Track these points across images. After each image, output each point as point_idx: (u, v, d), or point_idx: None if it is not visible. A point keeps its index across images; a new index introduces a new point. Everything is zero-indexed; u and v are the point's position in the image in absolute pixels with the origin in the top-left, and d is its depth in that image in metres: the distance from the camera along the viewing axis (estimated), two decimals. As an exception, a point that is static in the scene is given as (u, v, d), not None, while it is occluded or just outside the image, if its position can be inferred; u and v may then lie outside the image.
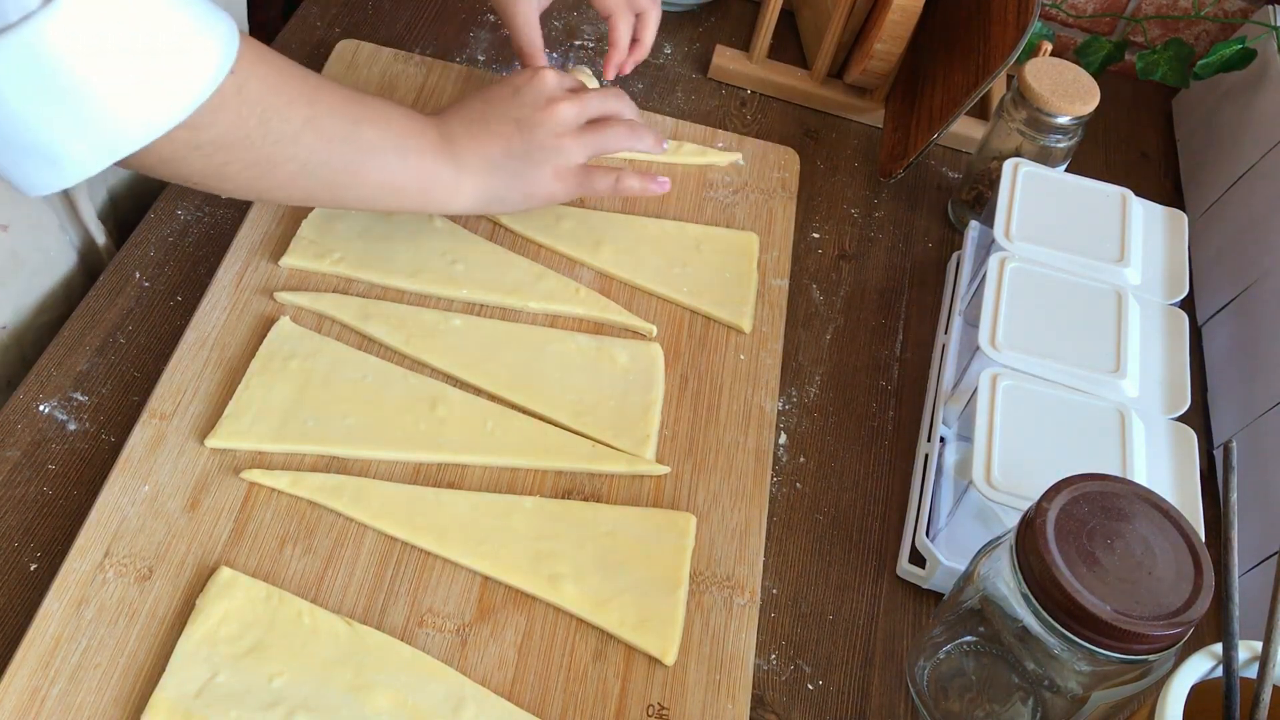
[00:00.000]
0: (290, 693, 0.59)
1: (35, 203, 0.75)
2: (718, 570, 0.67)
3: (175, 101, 0.54)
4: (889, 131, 0.95)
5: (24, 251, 0.75)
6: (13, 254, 0.74)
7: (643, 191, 0.78)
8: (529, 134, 0.73)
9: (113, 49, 0.51)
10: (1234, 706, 0.53)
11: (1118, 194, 0.83)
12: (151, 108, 0.54)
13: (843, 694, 0.67)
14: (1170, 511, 0.58)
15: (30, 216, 0.75)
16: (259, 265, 0.76)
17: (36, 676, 0.58)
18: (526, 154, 0.73)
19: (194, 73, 0.54)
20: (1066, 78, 0.85)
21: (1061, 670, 0.58)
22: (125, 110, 0.53)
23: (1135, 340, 0.74)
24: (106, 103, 0.52)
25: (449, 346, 0.74)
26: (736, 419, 0.75)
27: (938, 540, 0.71)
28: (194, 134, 0.57)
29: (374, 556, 0.65)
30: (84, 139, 0.53)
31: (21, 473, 0.67)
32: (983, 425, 0.68)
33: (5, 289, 0.75)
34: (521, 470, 0.70)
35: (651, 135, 0.78)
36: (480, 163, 0.72)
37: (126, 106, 0.53)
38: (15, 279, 0.75)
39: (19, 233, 0.74)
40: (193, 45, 0.54)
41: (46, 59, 0.49)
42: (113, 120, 0.53)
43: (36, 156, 0.53)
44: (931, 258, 0.92)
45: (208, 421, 0.68)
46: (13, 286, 0.75)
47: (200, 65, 0.55)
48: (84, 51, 0.50)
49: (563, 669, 0.63)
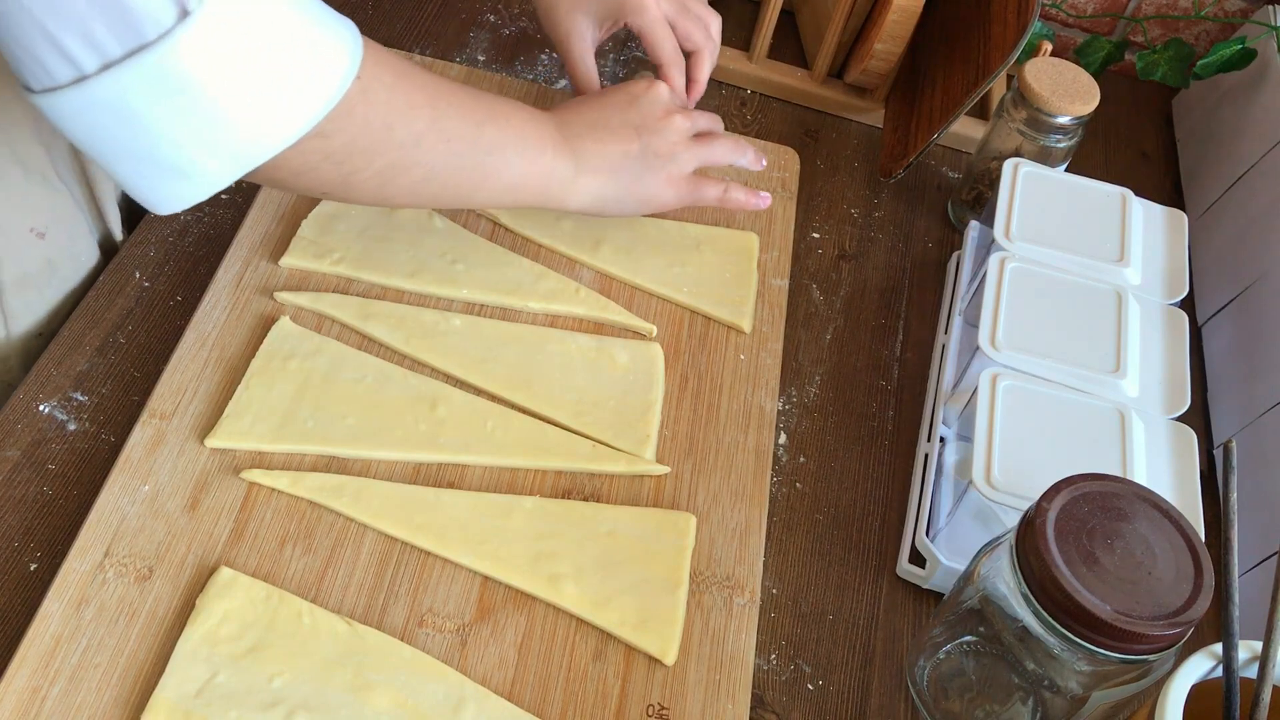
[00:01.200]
0: (290, 693, 0.59)
1: (70, 210, 0.76)
2: (718, 570, 0.68)
3: (305, 109, 0.54)
4: (889, 131, 0.95)
5: (59, 259, 0.76)
6: (48, 262, 0.75)
7: (745, 204, 0.80)
8: (647, 139, 0.75)
9: (244, 60, 0.51)
10: (1234, 706, 0.53)
11: (1118, 194, 0.83)
12: (283, 116, 0.54)
13: (843, 694, 0.67)
14: (1170, 511, 0.58)
15: (66, 224, 0.76)
16: (259, 265, 0.76)
17: (36, 676, 0.58)
18: (644, 158, 0.75)
19: (322, 80, 0.55)
20: (1066, 78, 0.85)
21: (1061, 670, 0.58)
22: (258, 120, 0.53)
23: (1135, 340, 0.74)
24: (240, 114, 0.52)
25: (449, 346, 0.74)
26: (736, 419, 0.75)
27: (938, 540, 0.71)
28: (324, 142, 0.57)
29: (374, 556, 0.65)
30: (217, 151, 0.53)
31: (21, 473, 0.67)
32: (983, 425, 0.68)
33: (41, 294, 0.76)
34: (521, 470, 0.70)
35: (752, 151, 0.81)
36: (600, 162, 0.73)
37: (259, 116, 0.53)
38: (50, 285, 0.76)
39: (55, 240, 0.75)
40: (320, 53, 0.54)
41: (182, 75, 0.49)
42: (246, 131, 0.53)
43: (170, 171, 0.53)
44: (931, 258, 0.92)
45: (208, 421, 0.68)
46: (48, 291, 0.76)
47: (328, 72, 0.55)
48: (218, 65, 0.50)
49: (563, 669, 0.63)
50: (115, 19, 0.47)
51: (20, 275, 0.73)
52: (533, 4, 0.83)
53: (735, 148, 0.80)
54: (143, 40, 0.48)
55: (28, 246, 0.73)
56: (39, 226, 0.73)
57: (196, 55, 0.49)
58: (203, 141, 0.52)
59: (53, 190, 0.74)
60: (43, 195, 0.73)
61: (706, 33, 0.82)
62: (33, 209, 0.73)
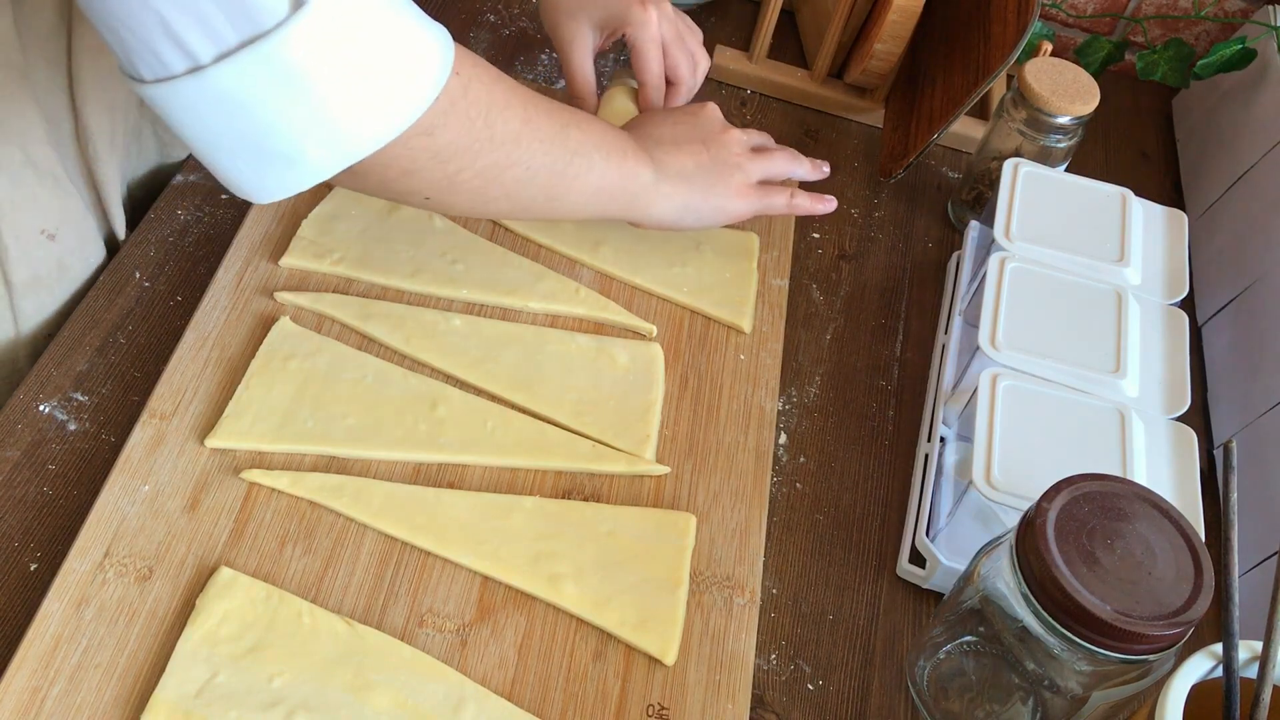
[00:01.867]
0: (290, 693, 0.59)
1: (80, 212, 0.76)
2: (718, 570, 0.68)
3: (409, 102, 0.56)
4: (889, 131, 0.95)
5: (69, 260, 0.76)
6: (59, 263, 0.75)
7: (812, 209, 0.81)
8: (715, 151, 0.77)
9: (353, 52, 0.52)
10: (1234, 706, 0.53)
11: (1118, 194, 0.83)
12: (389, 108, 0.55)
13: (843, 694, 0.67)
14: (1170, 511, 0.58)
15: (76, 225, 0.76)
16: (259, 265, 0.76)
17: (36, 676, 0.58)
18: (714, 169, 0.76)
19: (424, 74, 0.56)
20: (1066, 78, 0.85)
21: (1061, 670, 0.58)
22: (365, 111, 0.54)
23: (1135, 340, 0.74)
24: (348, 105, 0.53)
25: (449, 346, 0.74)
26: (736, 419, 0.75)
27: (938, 540, 0.71)
28: (429, 140, 0.58)
29: (374, 556, 0.65)
30: (323, 141, 0.54)
31: (21, 473, 0.67)
32: (983, 425, 0.68)
33: (51, 295, 0.76)
34: (521, 470, 0.70)
35: (808, 162, 0.82)
36: (676, 172, 0.75)
37: (366, 108, 0.54)
38: (60, 286, 0.76)
39: (66, 242, 0.75)
40: (420, 48, 0.56)
41: (296, 64, 0.50)
42: (354, 122, 0.54)
43: (276, 159, 0.54)
44: (931, 258, 0.92)
45: (208, 421, 0.68)
46: (58, 292, 0.76)
47: (427, 66, 0.56)
48: (329, 56, 0.51)
49: (563, 669, 0.63)
50: (233, 9, 0.48)
51: (32, 277, 0.74)
52: (535, 5, 0.83)
53: (793, 159, 0.81)
54: (259, 30, 0.49)
55: (39, 248, 0.73)
56: (50, 228, 0.74)
57: (309, 45, 0.50)
58: (311, 131, 0.53)
59: (63, 192, 0.74)
60: (53, 197, 0.73)
61: (693, 71, 0.84)
62: (43, 211, 0.73)
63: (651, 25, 0.81)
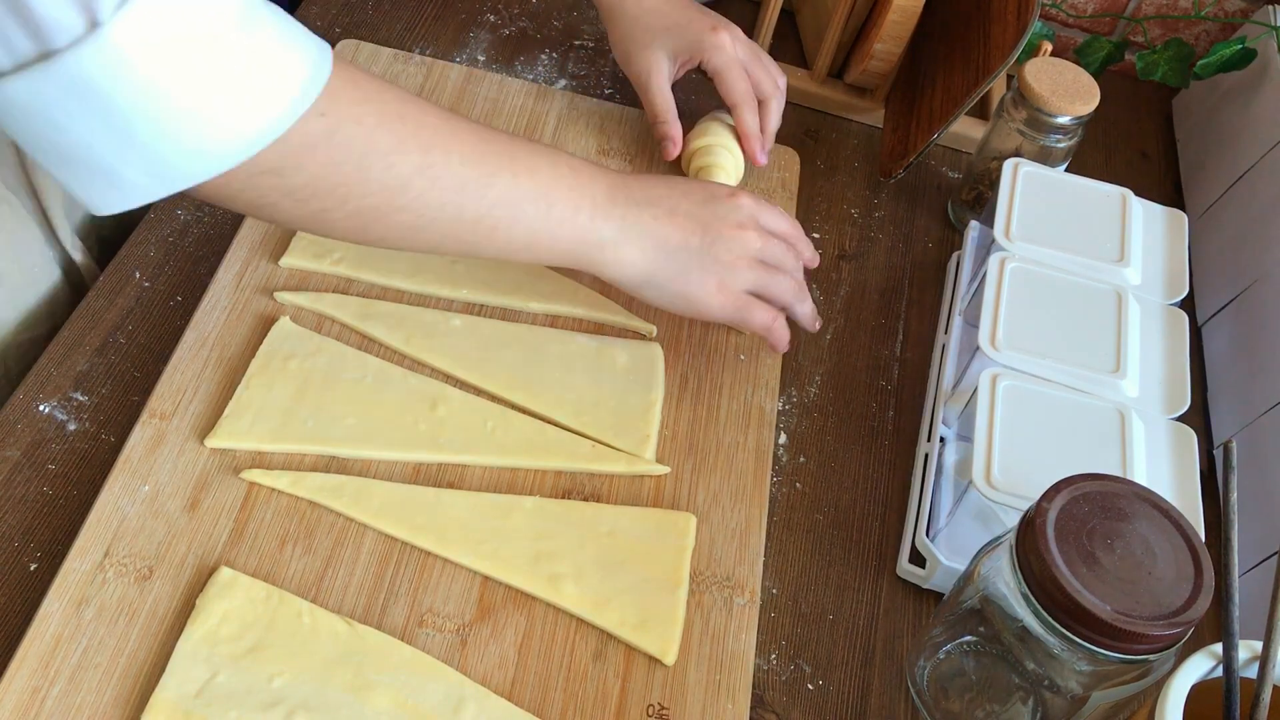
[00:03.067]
0: (290, 693, 0.59)
1: (17, 219, 0.74)
2: (718, 570, 0.67)
3: (233, 140, 0.52)
4: (889, 131, 0.95)
5: (5, 267, 0.74)
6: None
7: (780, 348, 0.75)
8: (711, 240, 0.70)
9: (163, 80, 0.49)
10: (1234, 706, 0.53)
11: (1118, 194, 0.83)
12: (202, 143, 0.52)
13: (843, 694, 0.67)
14: (1170, 511, 0.58)
15: (12, 233, 0.74)
16: (259, 265, 0.76)
17: (36, 676, 0.58)
18: (700, 255, 0.70)
19: (255, 110, 0.52)
20: (1066, 78, 0.85)
21: (1061, 670, 0.58)
22: (177, 143, 0.51)
23: (1135, 340, 0.74)
24: (158, 133, 0.50)
25: (449, 346, 0.74)
26: (736, 419, 0.75)
27: (938, 540, 0.71)
28: (279, 179, 0.55)
29: (374, 556, 0.65)
30: (140, 167, 0.52)
31: (21, 473, 0.67)
32: (983, 425, 0.68)
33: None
34: (521, 470, 0.70)
35: (812, 308, 0.76)
36: (652, 240, 0.69)
37: (178, 139, 0.51)
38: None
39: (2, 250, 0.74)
40: (256, 82, 0.52)
41: (93, 86, 0.48)
42: (166, 151, 0.51)
43: (98, 176, 0.52)
44: (931, 258, 0.92)
45: (208, 421, 0.68)
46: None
47: (264, 103, 0.52)
48: (133, 81, 0.49)
49: (563, 669, 0.63)
50: (24, 21, 0.46)
51: None
52: (536, 5, 0.83)
53: (798, 294, 0.74)
54: (52, 46, 0.47)
55: None
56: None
57: (107, 68, 0.48)
58: (122, 155, 0.51)
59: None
60: None
61: (775, 83, 0.85)
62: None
63: (727, 48, 0.82)
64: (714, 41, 0.82)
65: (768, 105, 0.85)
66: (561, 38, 1.00)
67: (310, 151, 0.55)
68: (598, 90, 0.96)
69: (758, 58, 0.85)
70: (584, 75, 0.97)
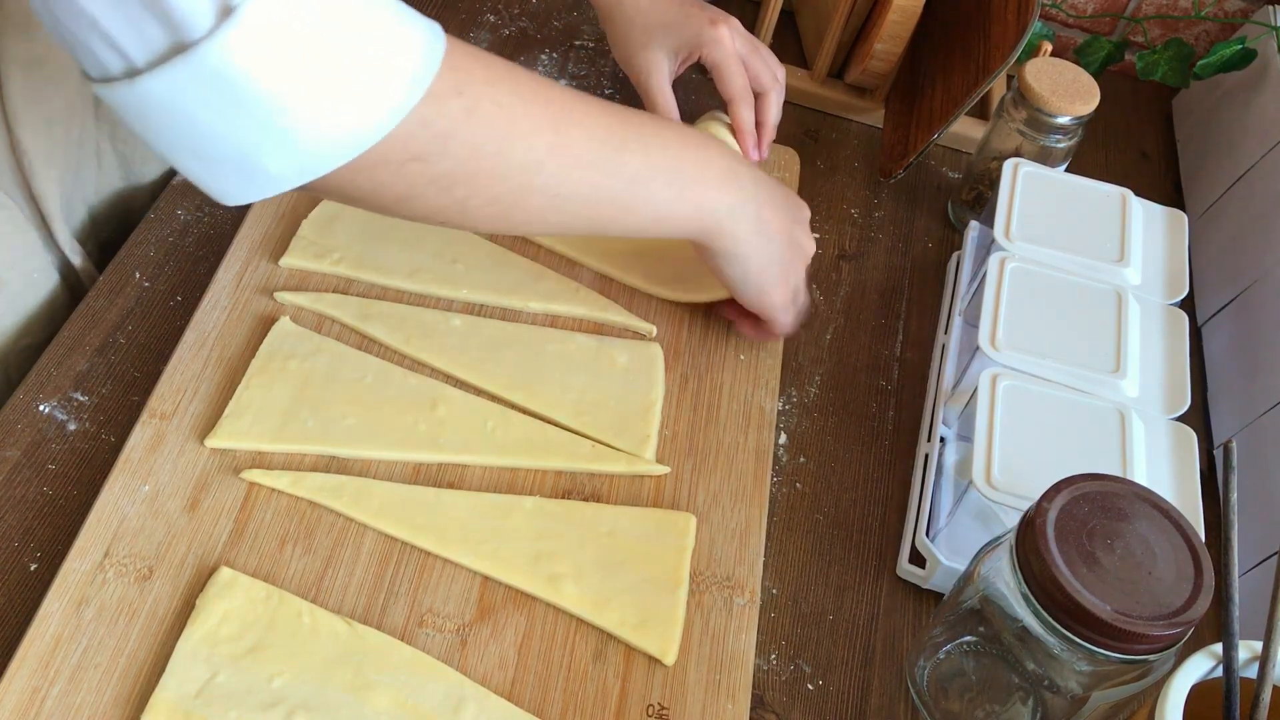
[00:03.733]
0: (290, 693, 0.59)
1: (15, 224, 0.74)
2: (718, 570, 0.67)
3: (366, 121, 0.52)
4: (889, 131, 0.95)
5: (5, 273, 0.74)
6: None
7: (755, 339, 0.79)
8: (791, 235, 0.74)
9: (296, 66, 0.49)
10: (1234, 706, 0.53)
11: (1118, 194, 0.83)
12: (341, 127, 0.51)
13: (843, 694, 0.67)
14: (1170, 511, 0.58)
15: (12, 238, 0.74)
16: (259, 265, 0.76)
17: (36, 676, 0.58)
18: (782, 247, 0.73)
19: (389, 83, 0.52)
20: (1066, 78, 0.85)
21: (1061, 670, 0.58)
22: (313, 129, 0.50)
23: (1135, 340, 0.74)
24: (293, 121, 0.50)
25: (449, 346, 0.74)
26: (736, 419, 0.75)
27: (938, 540, 0.71)
28: (424, 166, 0.55)
29: (374, 556, 0.65)
30: (279, 154, 0.51)
31: (21, 473, 0.67)
32: (983, 425, 0.68)
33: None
34: (521, 470, 0.70)
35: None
36: (757, 222, 0.70)
37: (314, 125, 0.50)
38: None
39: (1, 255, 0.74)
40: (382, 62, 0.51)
41: (229, 77, 0.48)
42: (303, 139, 0.51)
43: (230, 168, 0.52)
44: (931, 258, 0.92)
45: (208, 421, 0.68)
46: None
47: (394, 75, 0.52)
48: (268, 69, 0.48)
49: (563, 669, 0.63)
50: (160, 16, 0.46)
51: None
52: (536, 5, 0.83)
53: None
54: (187, 39, 0.47)
55: None
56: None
57: (242, 57, 0.47)
58: (262, 143, 0.51)
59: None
60: None
61: (774, 76, 0.85)
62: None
63: (726, 42, 0.82)
64: (712, 36, 0.82)
65: (766, 99, 0.85)
66: (561, 38, 1.00)
67: (451, 133, 0.55)
68: (598, 90, 0.96)
69: (756, 51, 0.85)
70: (584, 75, 0.97)
